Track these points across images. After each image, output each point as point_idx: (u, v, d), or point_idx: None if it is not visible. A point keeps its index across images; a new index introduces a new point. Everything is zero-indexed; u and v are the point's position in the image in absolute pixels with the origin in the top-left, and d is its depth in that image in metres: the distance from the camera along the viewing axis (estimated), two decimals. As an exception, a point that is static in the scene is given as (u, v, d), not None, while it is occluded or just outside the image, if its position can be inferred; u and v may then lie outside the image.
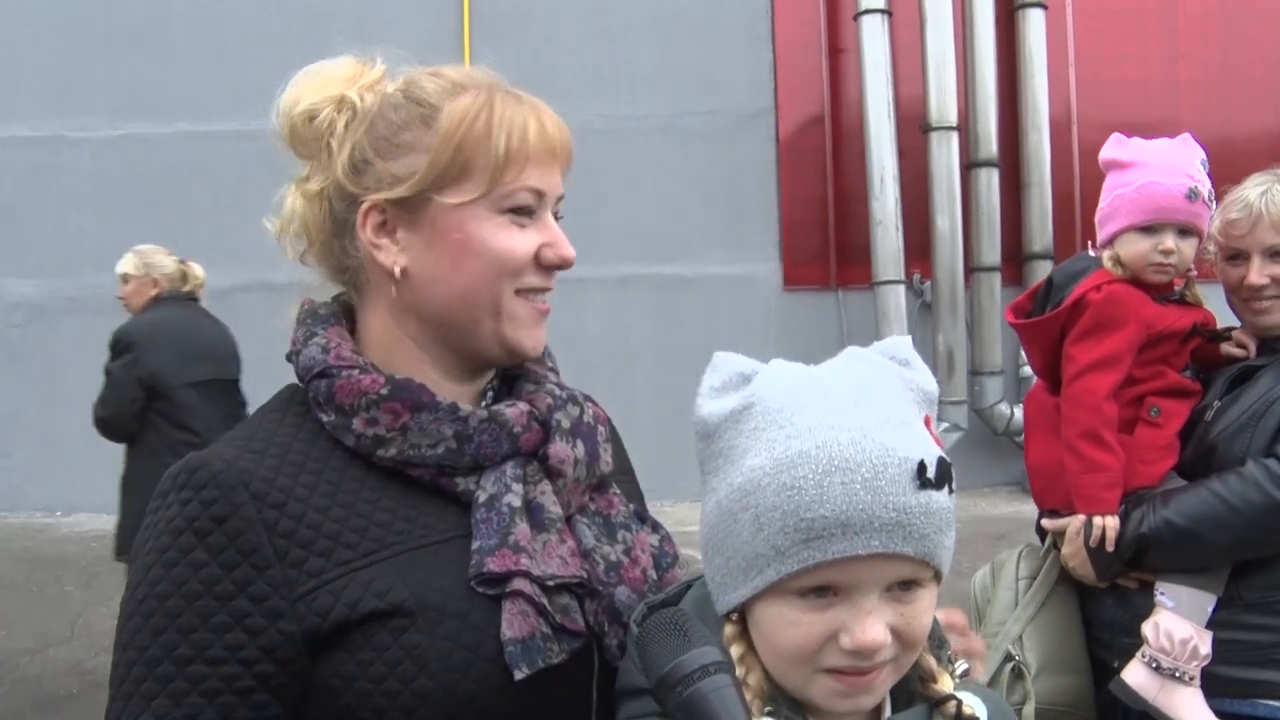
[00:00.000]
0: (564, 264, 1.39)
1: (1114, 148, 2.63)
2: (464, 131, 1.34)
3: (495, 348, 1.39)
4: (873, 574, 1.10)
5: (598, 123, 10.94)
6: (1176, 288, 2.62)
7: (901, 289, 10.87)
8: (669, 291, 11.36)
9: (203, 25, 11.24)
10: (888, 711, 1.21)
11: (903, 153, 10.87)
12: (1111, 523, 2.46)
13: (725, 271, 11.43)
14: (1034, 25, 11.33)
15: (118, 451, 5.67)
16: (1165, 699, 2.38)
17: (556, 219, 1.42)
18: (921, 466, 1.09)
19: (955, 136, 10.92)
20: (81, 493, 10.60)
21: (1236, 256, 2.59)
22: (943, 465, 1.12)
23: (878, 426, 1.10)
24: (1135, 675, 2.43)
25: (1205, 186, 2.51)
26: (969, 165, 11.10)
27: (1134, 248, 2.54)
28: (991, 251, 11.06)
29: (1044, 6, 11.37)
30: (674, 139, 11.46)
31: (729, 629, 1.19)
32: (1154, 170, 2.52)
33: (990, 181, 11.12)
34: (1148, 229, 2.51)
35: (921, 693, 1.21)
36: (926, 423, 1.16)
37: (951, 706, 1.19)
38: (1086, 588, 2.62)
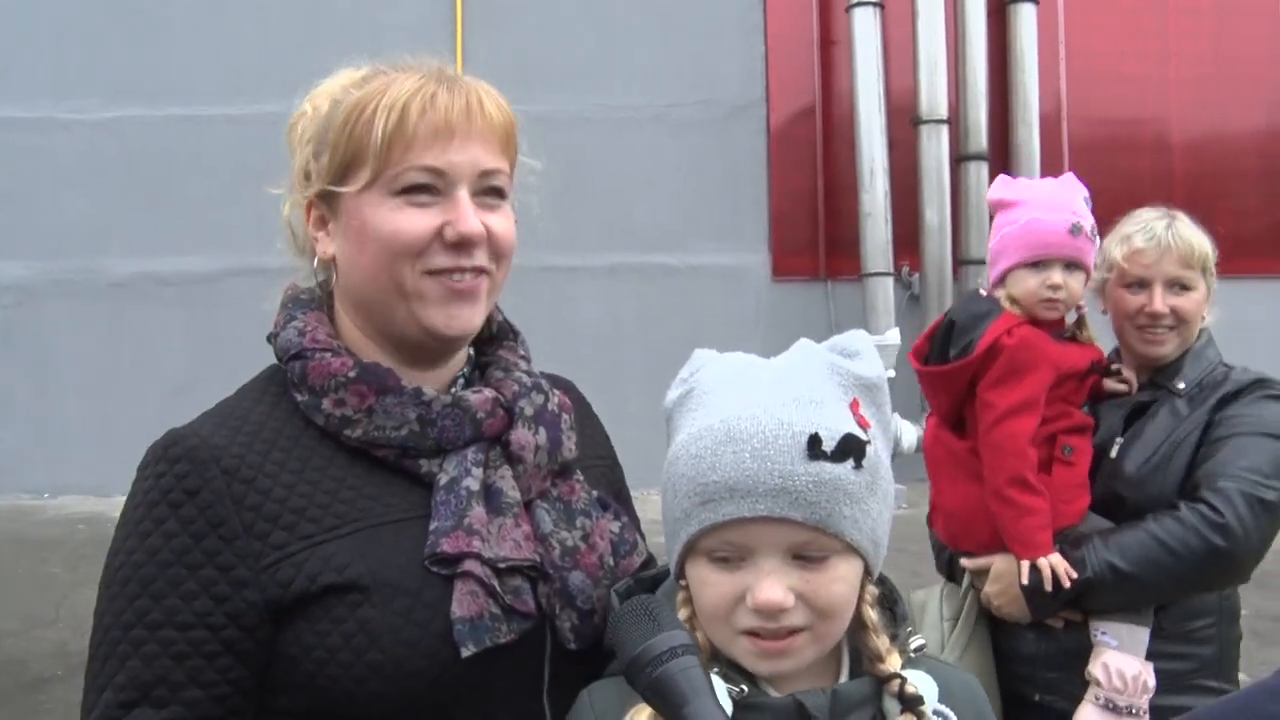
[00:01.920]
0: (463, 240, 1.38)
1: (999, 188, 2.68)
2: (353, 121, 1.37)
3: (413, 329, 1.42)
4: (765, 538, 1.19)
5: (590, 112, 10.96)
6: (1068, 325, 2.67)
7: (890, 281, 10.90)
8: (659, 281, 11.38)
9: (198, 10, 11.22)
10: (844, 677, 1.29)
11: (893, 145, 10.90)
12: (1057, 560, 2.47)
13: (715, 262, 11.46)
14: (1025, 20, 11.37)
15: (107, 434, 5.67)
16: None
17: (498, 194, 1.43)
18: (815, 439, 1.18)
19: (945, 130, 10.97)
20: (70, 475, 10.61)
21: (1137, 285, 2.65)
22: (847, 441, 1.20)
23: (782, 404, 1.21)
24: (1090, 717, 2.47)
25: (1088, 222, 2.56)
26: (959, 159, 11.15)
27: (1023, 284, 2.57)
28: (980, 245, 11.08)
29: (1035, 1, 11.40)
30: (665, 129, 11.47)
31: (680, 594, 1.31)
32: (1037, 208, 2.57)
33: (980, 175, 11.15)
34: (1034, 264, 2.56)
35: (870, 671, 1.28)
36: (853, 406, 1.24)
37: (895, 684, 1.25)
38: (1001, 622, 2.64)
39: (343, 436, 1.38)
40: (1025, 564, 2.50)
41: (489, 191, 1.42)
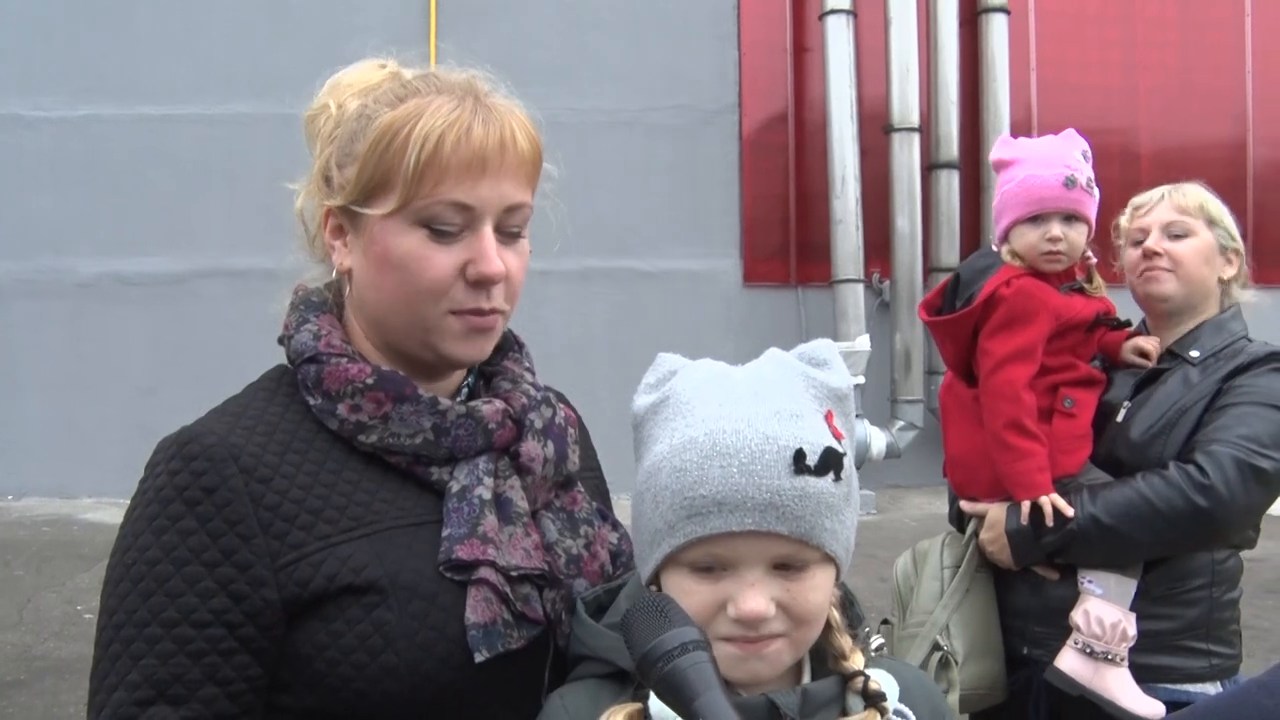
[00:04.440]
0: (484, 280, 1.38)
1: (998, 149, 2.78)
2: (386, 143, 1.35)
3: (429, 355, 1.43)
4: (752, 550, 1.21)
5: (563, 116, 10.95)
6: (1078, 278, 2.73)
7: (860, 288, 10.97)
8: (630, 285, 11.40)
9: (168, 7, 11.14)
10: (806, 677, 1.31)
11: (864, 153, 10.98)
12: (1056, 498, 2.55)
13: (686, 267, 11.49)
14: (997, 30, 11.46)
15: (72, 436, 5.61)
16: (1100, 681, 2.51)
17: (517, 226, 1.43)
18: (799, 454, 1.20)
19: (917, 138, 11.05)
20: (34, 476, 10.51)
21: (1139, 242, 2.74)
22: (828, 454, 1.22)
23: (765, 418, 1.22)
24: (1069, 662, 2.55)
25: (1084, 174, 2.64)
26: (930, 167, 11.24)
27: (1024, 239, 2.65)
28: (950, 252, 11.18)
29: (1007, 12, 11.51)
30: (638, 134, 11.50)
31: None
32: (1032, 164, 2.65)
33: (950, 183, 11.26)
34: (1033, 219, 2.64)
35: (834, 670, 1.31)
36: (828, 418, 1.27)
37: (859, 682, 1.28)
38: (1001, 574, 2.73)
39: (356, 442, 1.39)
40: (1026, 504, 2.57)
41: (511, 225, 1.42)
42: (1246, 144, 12.30)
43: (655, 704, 1.18)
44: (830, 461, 1.22)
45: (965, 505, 2.78)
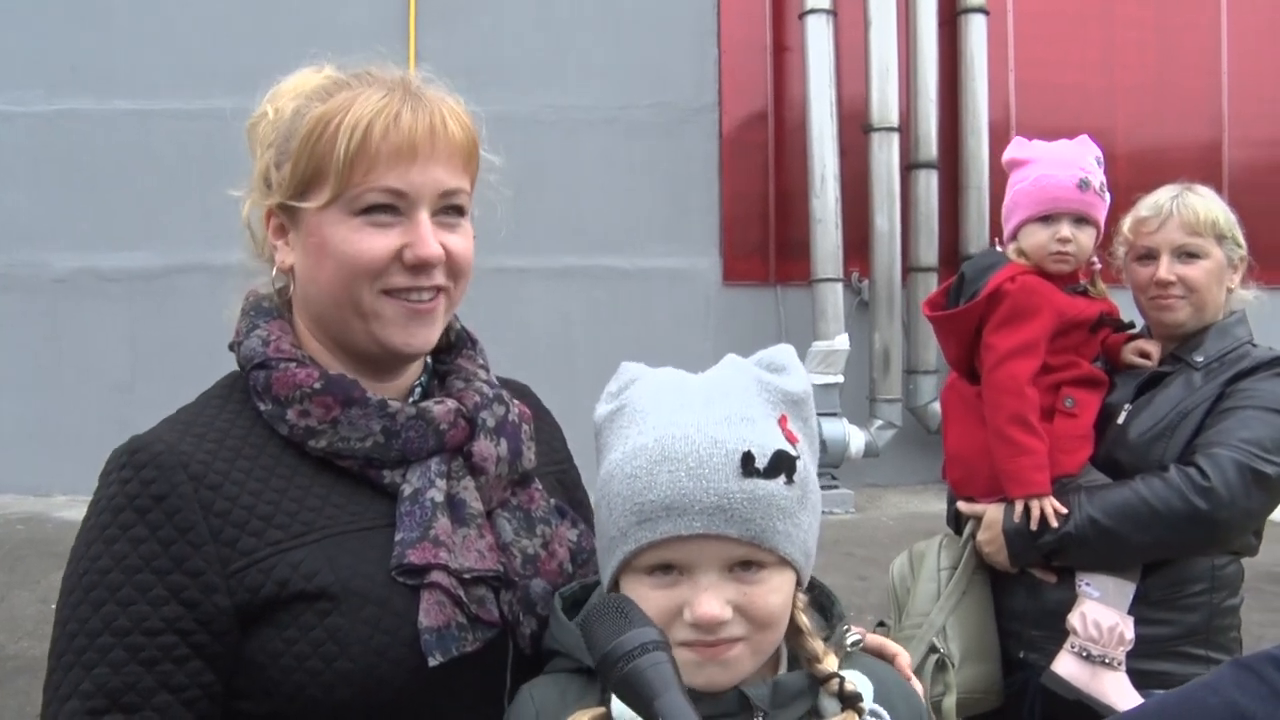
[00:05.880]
0: (421, 263, 1.38)
1: (1014, 149, 2.78)
2: (317, 135, 1.36)
3: (371, 345, 1.42)
4: (704, 554, 1.23)
5: (543, 113, 10.96)
6: (1082, 281, 2.73)
7: (839, 287, 10.98)
8: (609, 283, 11.39)
9: (146, 1, 11.07)
10: (783, 668, 1.32)
11: (844, 152, 11.00)
12: (1048, 501, 2.54)
13: (666, 265, 11.49)
14: (976, 30, 11.51)
15: (47, 432, 5.57)
16: (1097, 685, 2.49)
17: (458, 213, 1.43)
18: (748, 457, 1.22)
19: (896, 137, 11.09)
20: (8, 474, 10.43)
21: (1146, 257, 2.71)
22: (778, 458, 1.24)
23: (714, 423, 1.24)
24: (1066, 666, 2.53)
25: (1097, 178, 2.65)
26: (909, 166, 11.28)
27: (1033, 238, 2.66)
28: (929, 252, 11.23)
29: (986, 12, 11.56)
30: (618, 132, 11.49)
31: None
32: (1047, 164, 2.67)
33: (929, 183, 11.30)
34: (1044, 219, 2.64)
35: (809, 672, 1.31)
36: (781, 422, 1.28)
37: (834, 684, 1.29)
38: (998, 576, 2.72)
39: (306, 447, 1.38)
40: (1019, 503, 2.57)
41: (449, 210, 1.42)
42: (1222, 145, 12.38)
43: (617, 706, 1.19)
44: (781, 464, 1.23)
45: (963, 506, 2.77)
